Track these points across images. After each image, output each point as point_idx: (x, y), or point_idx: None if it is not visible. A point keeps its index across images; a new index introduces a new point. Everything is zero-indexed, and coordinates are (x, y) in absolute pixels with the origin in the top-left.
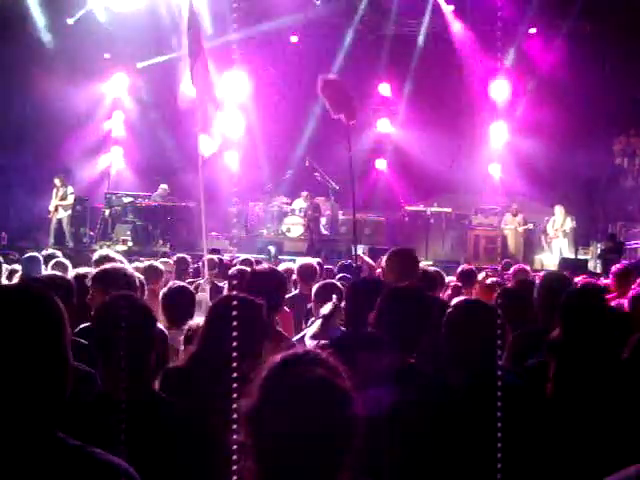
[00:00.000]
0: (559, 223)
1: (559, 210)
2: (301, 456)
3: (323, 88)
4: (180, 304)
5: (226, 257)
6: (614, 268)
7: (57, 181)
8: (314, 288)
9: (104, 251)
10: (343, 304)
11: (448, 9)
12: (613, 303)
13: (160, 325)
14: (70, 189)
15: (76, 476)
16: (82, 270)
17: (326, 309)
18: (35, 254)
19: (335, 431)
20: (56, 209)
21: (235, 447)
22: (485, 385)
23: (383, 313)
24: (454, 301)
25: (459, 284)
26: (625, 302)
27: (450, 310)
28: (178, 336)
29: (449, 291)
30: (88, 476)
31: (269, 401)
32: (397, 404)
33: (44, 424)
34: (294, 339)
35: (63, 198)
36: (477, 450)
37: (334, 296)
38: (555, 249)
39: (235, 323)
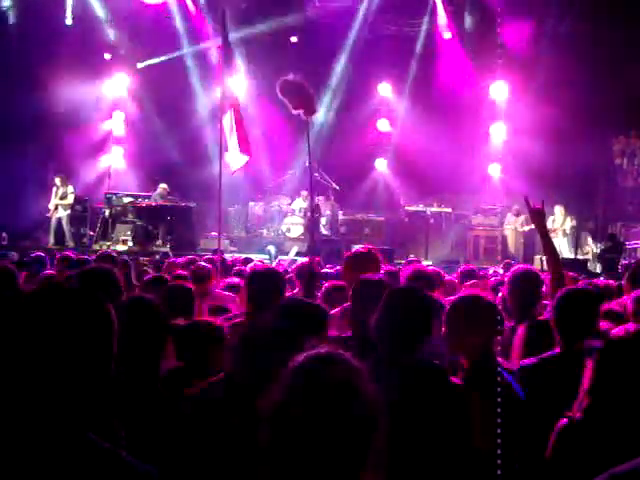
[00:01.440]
0: (559, 223)
1: (559, 210)
2: (321, 456)
3: (282, 89)
4: (182, 305)
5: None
6: (629, 271)
7: (58, 180)
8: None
9: (106, 251)
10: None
11: (447, 9)
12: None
13: None
14: (70, 188)
15: (107, 478)
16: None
17: None
18: (41, 254)
19: (356, 433)
20: (56, 208)
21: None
22: (485, 378)
23: (385, 315)
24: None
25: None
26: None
27: (451, 305)
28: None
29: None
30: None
31: (291, 401)
32: (401, 402)
33: (78, 425)
34: None
35: (63, 197)
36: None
37: None
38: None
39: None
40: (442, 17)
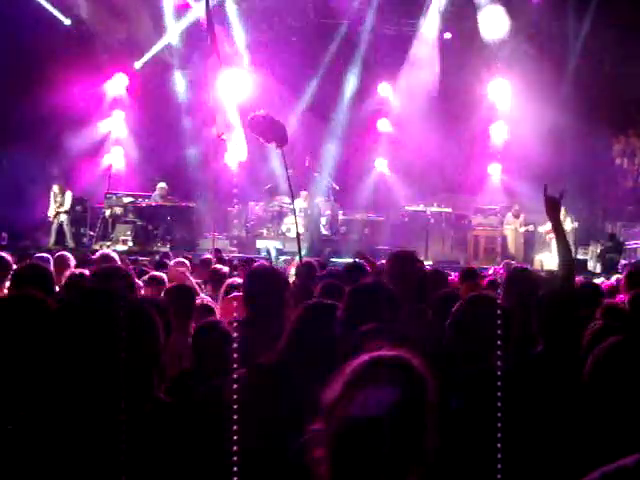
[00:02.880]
0: None
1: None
2: (376, 454)
3: (251, 125)
4: (182, 306)
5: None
6: (626, 270)
7: (56, 188)
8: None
9: (105, 250)
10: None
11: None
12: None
13: None
14: (68, 197)
15: None
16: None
17: None
18: (45, 254)
19: (417, 436)
20: (56, 215)
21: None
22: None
23: (351, 312)
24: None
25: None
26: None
27: (460, 303)
28: (181, 340)
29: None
30: None
31: (352, 399)
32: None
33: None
34: None
35: (61, 205)
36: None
37: None
38: (553, 250)
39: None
40: (436, 17)
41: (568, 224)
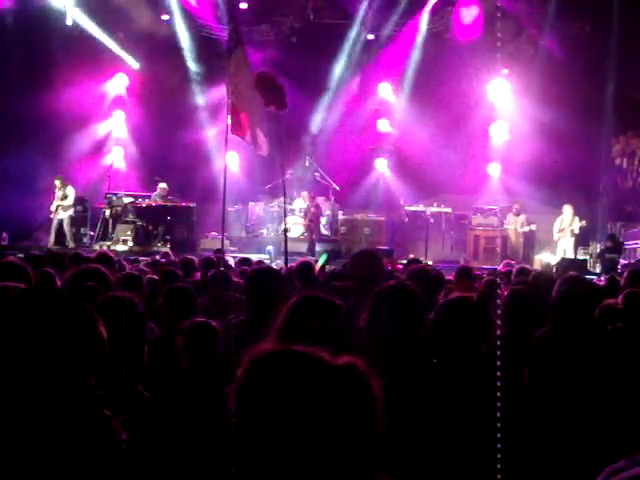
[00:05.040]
0: (567, 222)
1: (568, 210)
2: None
3: (257, 83)
4: (181, 304)
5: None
6: (628, 269)
7: (57, 182)
8: None
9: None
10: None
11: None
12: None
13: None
14: (70, 189)
15: None
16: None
17: None
18: (37, 253)
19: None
20: (56, 210)
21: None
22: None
23: (376, 314)
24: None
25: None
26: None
27: (441, 304)
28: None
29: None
30: None
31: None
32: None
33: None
34: None
35: (63, 198)
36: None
37: None
38: (559, 249)
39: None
40: (443, 17)
41: (576, 223)
